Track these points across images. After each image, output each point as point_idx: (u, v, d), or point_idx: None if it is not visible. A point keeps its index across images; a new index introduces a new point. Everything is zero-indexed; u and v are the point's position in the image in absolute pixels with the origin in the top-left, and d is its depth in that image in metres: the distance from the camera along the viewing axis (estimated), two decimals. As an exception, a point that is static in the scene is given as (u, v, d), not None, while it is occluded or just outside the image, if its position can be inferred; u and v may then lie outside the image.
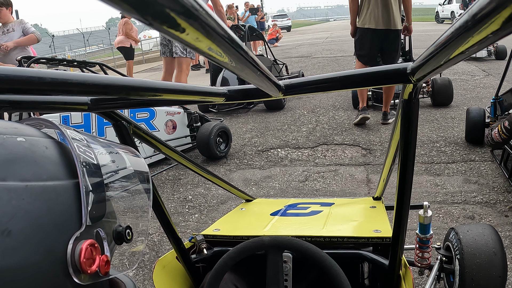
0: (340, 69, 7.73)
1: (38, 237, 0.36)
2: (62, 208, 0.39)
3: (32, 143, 0.41)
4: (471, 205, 2.51)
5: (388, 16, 3.87)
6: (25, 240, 0.35)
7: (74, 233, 0.39)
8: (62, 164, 0.41)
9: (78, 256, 0.38)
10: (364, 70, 0.71)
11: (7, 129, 0.40)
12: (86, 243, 0.39)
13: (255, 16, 13.64)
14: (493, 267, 1.38)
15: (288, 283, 1.07)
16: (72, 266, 0.38)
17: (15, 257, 0.34)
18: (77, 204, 0.40)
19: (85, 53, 23.33)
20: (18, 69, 0.42)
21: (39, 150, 0.41)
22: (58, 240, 0.38)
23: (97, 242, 0.40)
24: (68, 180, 0.41)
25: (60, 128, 0.45)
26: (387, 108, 4.28)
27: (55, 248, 0.37)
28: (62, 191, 0.40)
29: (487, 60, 7.54)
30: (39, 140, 0.42)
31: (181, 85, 0.64)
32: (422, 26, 19.66)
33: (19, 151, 0.39)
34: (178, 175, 3.47)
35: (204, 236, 1.28)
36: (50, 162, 0.41)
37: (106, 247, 0.42)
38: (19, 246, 0.34)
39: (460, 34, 0.34)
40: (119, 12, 0.20)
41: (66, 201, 0.40)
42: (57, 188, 0.39)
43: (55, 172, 0.40)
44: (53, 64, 3.80)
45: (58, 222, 0.38)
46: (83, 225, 0.40)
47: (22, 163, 0.38)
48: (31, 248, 0.35)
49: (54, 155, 0.42)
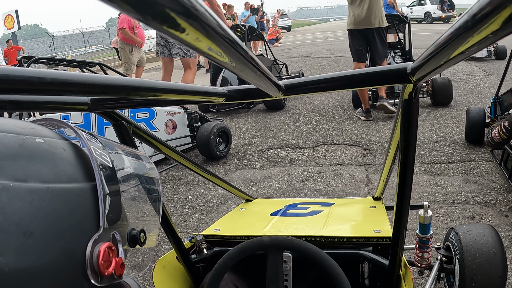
0: (340, 69, 7.73)
1: (59, 238, 0.36)
2: (81, 211, 0.40)
3: (51, 144, 0.41)
4: (471, 205, 2.51)
5: (369, 16, 4.24)
6: (46, 241, 0.35)
7: (92, 236, 0.39)
8: (79, 166, 0.42)
9: (96, 258, 0.38)
10: (364, 70, 0.71)
11: (25, 130, 0.40)
12: (104, 246, 0.39)
13: (255, 16, 13.64)
14: (493, 267, 1.38)
15: (288, 283, 1.07)
16: (90, 268, 0.38)
17: (36, 258, 0.34)
18: (95, 207, 0.41)
19: (85, 53, 23.34)
20: (18, 69, 0.42)
21: (57, 151, 0.41)
22: (77, 242, 0.38)
23: (113, 244, 0.41)
24: (86, 182, 0.41)
25: (76, 130, 0.45)
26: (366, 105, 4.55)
27: (74, 250, 0.38)
28: (81, 194, 0.40)
29: (487, 60, 7.54)
30: (57, 141, 0.42)
31: (181, 85, 0.64)
32: (422, 26, 19.65)
33: (39, 152, 0.39)
34: (178, 175, 3.47)
35: (204, 236, 1.28)
36: (68, 164, 0.41)
37: (120, 250, 0.43)
38: (40, 247, 0.35)
39: (460, 34, 0.34)
40: (119, 12, 0.20)
41: (84, 203, 0.40)
42: (76, 190, 0.40)
43: (73, 174, 0.40)
44: (53, 64, 3.81)
45: (77, 225, 0.39)
46: (101, 228, 0.40)
47: (42, 164, 0.38)
48: (52, 250, 0.36)
49: (72, 157, 0.42)
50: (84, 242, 0.39)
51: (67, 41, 30.96)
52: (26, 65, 3.37)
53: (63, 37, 33.88)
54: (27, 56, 3.63)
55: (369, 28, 4.27)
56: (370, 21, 4.23)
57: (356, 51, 4.43)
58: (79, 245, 0.38)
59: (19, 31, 16.20)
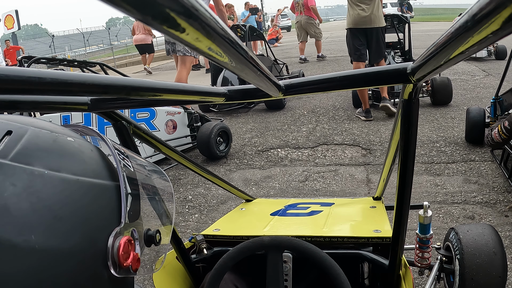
0: (340, 69, 7.73)
1: (84, 226, 0.40)
2: (106, 204, 0.44)
3: (80, 144, 0.46)
4: (471, 205, 2.51)
5: (369, 15, 4.25)
6: (72, 227, 0.39)
7: (114, 228, 0.43)
8: (105, 166, 0.46)
9: (117, 249, 0.42)
10: (364, 70, 0.71)
11: (57, 129, 0.45)
12: (124, 239, 0.43)
13: (255, 16, 13.64)
14: (493, 267, 1.38)
15: (288, 283, 1.07)
16: (110, 258, 0.41)
17: (63, 241, 0.37)
18: (117, 204, 0.45)
19: (85, 53, 23.33)
20: (18, 69, 0.42)
21: (86, 150, 0.46)
22: (101, 232, 0.42)
23: (132, 239, 0.44)
24: (110, 181, 0.45)
25: (102, 137, 0.50)
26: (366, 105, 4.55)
27: (97, 239, 0.41)
28: (105, 190, 0.44)
29: (487, 60, 7.54)
30: (85, 142, 0.47)
31: (181, 85, 0.64)
32: (422, 26, 19.64)
33: (70, 149, 0.44)
34: (178, 175, 3.47)
35: (204, 236, 1.28)
36: (95, 162, 0.45)
37: (137, 246, 0.46)
38: (67, 231, 0.38)
39: (460, 34, 0.34)
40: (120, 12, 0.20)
41: (108, 199, 0.44)
42: (101, 186, 0.44)
43: (100, 172, 0.45)
44: (53, 64, 3.80)
45: (101, 216, 0.42)
46: (123, 222, 0.44)
47: (73, 159, 0.43)
48: (77, 235, 0.39)
49: (98, 157, 0.47)
50: (107, 233, 0.42)
51: (67, 41, 30.93)
52: (26, 65, 3.37)
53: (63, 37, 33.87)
54: (27, 56, 3.63)
55: (369, 28, 4.28)
56: (370, 21, 4.24)
57: (356, 51, 4.43)
58: (102, 236, 0.41)
59: (19, 31, 16.20)
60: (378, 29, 4.31)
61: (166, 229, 0.54)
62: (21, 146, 0.39)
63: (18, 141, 0.40)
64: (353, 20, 4.32)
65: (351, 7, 4.32)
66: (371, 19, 4.23)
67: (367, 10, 4.20)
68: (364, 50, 4.44)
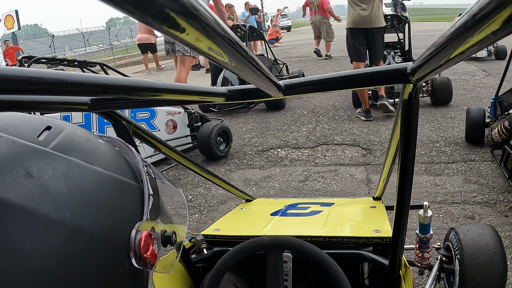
0: (340, 69, 7.72)
1: (112, 215, 0.44)
2: (130, 200, 0.48)
3: (110, 146, 0.52)
4: (471, 205, 2.51)
5: (370, 15, 4.26)
6: (102, 213, 0.43)
7: (137, 223, 0.47)
8: (130, 169, 0.52)
9: (138, 241, 0.46)
10: (364, 70, 0.71)
11: (88, 132, 0.51)
12: (145, 232, 0.47)
13: (255, 16, 13.64)
14: (493, 267, 1.38)
15: (288, 283, 1.07)
16: (132, 250, 0.45)
17: (93, 224, 0.41)
18: (140, 202, 0.50)
19: (85, 53, 23.33)
20: (18, 69, 0.42)
21: (115, 153, 0.51)
22: (126, 223, 0.46)
23: (152, 234, 0.49)
24: (135, 182, 0.50)
25: (130, 147, 0.56)
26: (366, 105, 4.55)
27: (123, 229, 0.45)
28: (131, 188, 0.49)
29: (487, 60, 7.54)
30: (112, 146, 0.53)
31: (181, 85, 0.64)
32: (422, 26, 19.64)
33: (102, 148, 0.49)
34: (178, 175, 3.47)
35: (204, 236, 1.28)
36: (123, 163, 0.51)
37: (155, 244, 0.49)
38: (97, 216, 0.42)
39: (460, 34, 0.34)
40: (120, 12, 0.20)
41: (133, 196, 0.49)
42: (128, 184, 0.49)
43: (127, 172, 0.50)
44: (53, 64, 3.80)
45: (127, 210, 0.47)
46: (145, 218, 0.48)
47: (104, 156, 0.48)
48: (106, 222, 0.43)
49: (124, 160, 0.52)
50: (130, 226, 0.46)
51: (67, 41, 30.91)
52: (26, 65, 3.37)
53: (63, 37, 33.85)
54: (27, 56, 3.63)
55: (369, 28, 4.28)
56: (370, 21, 4.24)
57: (356, 51, 4.42)
58: (126, 227, 0.46)
59: (19, 31, 16.19)
60: (378, 29, 4.31)
61: (181, 233, 0.58)
62: (60, 139, 0.44)
63: (57, 135, 0.45)
64: (353, 20, 4.32)
65: (351, 7, 4.31)
66: (371, 19, 4.23)
67: (367, 9, 4.20)
68: (364, 50, 4.43)
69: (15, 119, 0.45)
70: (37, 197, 0.38)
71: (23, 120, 0.45)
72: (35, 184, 0.38)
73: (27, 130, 0.43)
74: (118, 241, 0.44)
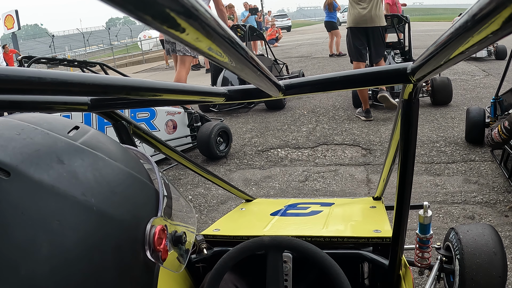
0: (340, 69, 7.73)
1: (132, 206, 0.49)
2: (147, 197, 0.53)
3: (128, 150, 0.58)
4: (471, 205, 2.51)
5: (371, 14, 4.26)
6: (123, 204, 0.48)
7: (152, 217, 0.51)
8: (146, 172, 0.57)
9: (153, 234, 0.50)
10: (364, 70, 0.71)
11: (110, 137, 0.57)
12: (159, 227, 0.51)
13: (255, 16, 13.65)
14: (493, 267, 1.38)
15: (288, 283, 1.07)
16: (147, 242, 0.49)
17: (115, 211, 0.46)
18: (155, 201, 0.54)
19: (85, 53, 23.33)
20: (18, 69, 0.42)
21: (133, 155, 0.58)
22: (143, 216, 0.50)
23: (165, 229, 0.52)
24: (151, 183, 0.56)
25: (148, 157, 0.62)
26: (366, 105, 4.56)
27: (140, 220, 0.50)
28: (148, 187, 0.54)
29: (487, 60, 7.54)
30: (131, 151, 0.59)
31: (181, 85, 0.64)
32: (422, 26, 19.65)
33: (123, 150, 0.55)
34: (178, 175, 3.47)
35: (204, 236, 1.27)
36: (140, 166, 0.56)
37: (167, 241, 0.53)
38: (120, 205, 0.47)
39: (460, 34, 0.34)
40: (120, 12, 0.20)
41: (150, 194, 0.54)
42: (145, 183, 0.54)
43: (144, 173, 0.55)
44: (53, 64, 3.80)
45: (144, 205, 0.52)
46: (159, 214, 0.53)
47: (126, 156, 0.54)
48: (126, 212, 0.47)
49: (141, 164, 0.58)
50: (146, 219, 0.50)
51: (67, 41, 30.92)
52: (26, 65, 3.36)
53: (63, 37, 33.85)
54: (27, 56, 3.63)
55: (370, 27, 4.27)
56: (371, 19, 4.23)
57: (357, 50, 4.42)
58: (143, 220, 0.50)
59: (19, 31, 16.19)
60: (379, 28, 4.30)
61: (189, 236, 0.61)
62: (87, 137, 0.50)
63: (84, 134, 0.50)
64: (353, 19, 4.31)
65: (352, 6, 4.31)
66: (372, 18, 4.22)
67: (367, 8, 4.20)
68: (364, 50, 4.43)
69: (47, 117, 0.50)
70: (67, 180, 0.42)
71: (54, 118, 0.51)
72: (65, 169, 0.43)
73: (58, 126, 0.49)
74: (135, 231, 0.48)
